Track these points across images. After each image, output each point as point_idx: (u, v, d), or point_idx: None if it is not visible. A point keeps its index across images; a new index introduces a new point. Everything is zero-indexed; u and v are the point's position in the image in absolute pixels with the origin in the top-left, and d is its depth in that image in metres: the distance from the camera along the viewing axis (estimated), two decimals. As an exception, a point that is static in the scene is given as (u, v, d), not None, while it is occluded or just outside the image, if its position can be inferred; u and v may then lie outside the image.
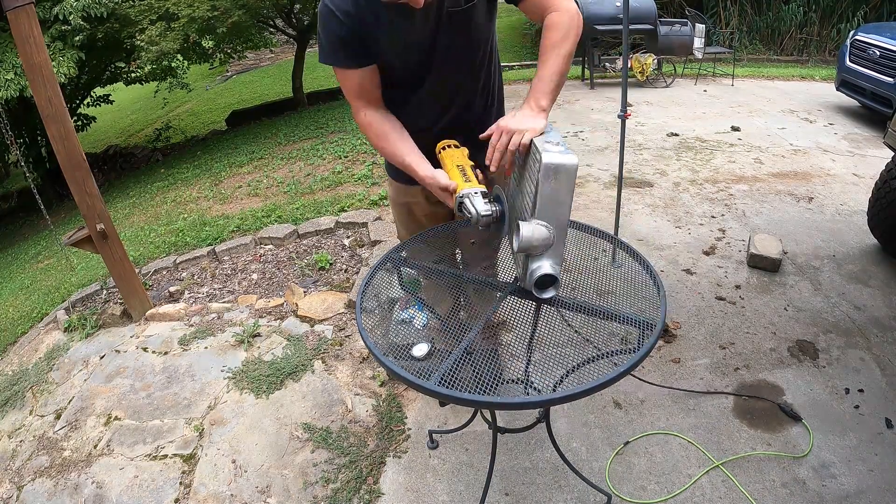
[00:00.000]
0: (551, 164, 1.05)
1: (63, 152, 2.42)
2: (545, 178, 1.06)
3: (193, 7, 5.45)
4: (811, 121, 5.30)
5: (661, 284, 1.24)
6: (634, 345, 1.10)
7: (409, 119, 1.39)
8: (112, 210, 4.95)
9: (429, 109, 1.42)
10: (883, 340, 2.29)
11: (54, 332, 2.84)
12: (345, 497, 1.76)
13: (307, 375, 2.28)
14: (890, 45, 4.88)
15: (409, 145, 1.35)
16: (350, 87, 1.34)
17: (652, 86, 6.87)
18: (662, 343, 2.32)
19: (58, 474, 1.99)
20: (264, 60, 13.74)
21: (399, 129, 1.36)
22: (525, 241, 1.09)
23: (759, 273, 2.79)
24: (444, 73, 1.35)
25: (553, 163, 1.05)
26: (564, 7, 1.27)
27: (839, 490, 1.68)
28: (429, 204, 1.58)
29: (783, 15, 8.80)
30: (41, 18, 4.48)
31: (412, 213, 1.65)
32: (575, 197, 4.04)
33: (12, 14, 2.18)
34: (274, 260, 3.22)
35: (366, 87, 1.33)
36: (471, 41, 1.34)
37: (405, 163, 1.33)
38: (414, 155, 1.32)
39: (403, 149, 1.34)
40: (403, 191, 1.60)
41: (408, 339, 1.21)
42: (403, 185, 1.58)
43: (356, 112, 1.37)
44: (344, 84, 1.35)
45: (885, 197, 2.73)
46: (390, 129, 1.36)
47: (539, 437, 1.87)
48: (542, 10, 1.29)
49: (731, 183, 3.87)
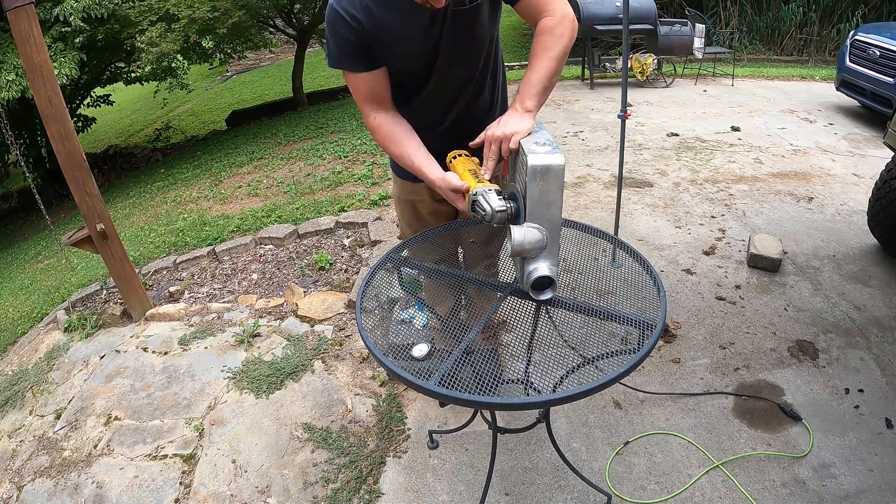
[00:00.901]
0: (538, 165, 1.05)
1: (63, 152, 2.42)
2: (532, 180, 1.06)
3: (193, 8, 5.45)
4: (811, 121, 5.30)
5: (661, 284, 1.24)
6: (634, 345, 1.10)
7: (413, 118, 1.39)
8: (112, 210, 4.95)
9: (432, 109, 1.42)
10: (883, 340, 2.29)
11: (54, 332, 2.84)
12: (345, 497, 1.76)
13: (307, 375, 2.28)
14: (890, 45, 4.88)
15: (419, 147, 1.34)
16: (360, 91, 1.33)
17: (652, 86, 6.87)
18: (662, 343, 2.32)
19: (58, 474, 1.99)
20: (264, 60, 13.75)
21: (408, 131, 1.36)
22: (517, 244, 1.09)
23: (759, 273, 2.79)
24: (448, 72, 1.35)
25: (539, 164, 1.05)
26: (559, 11, 1.26)
27: (839, 490, 1.68)
28: (433, 201, 1.59)
29: (783, 15, 8.81)
30: (41, 19, 4.49)
31: (416, 211, 1.65)
32: (575, 197, 4.02)
33: (12, 14, 2.18)
34: (274, 260, 3.22)
35: (376, 90, 1.33)
36: (475, 40, 1.34)
37: (414, 165, 1.32)
38: (423, 157, 1.31)
39: (413, 151, 1.33)
40: (408, 188, 1.60)
41: (408, 339, 1.21)
42: (409, 182, 1.58)
43: (366, 116, 1.36)
44: (354, 88, 1.34)
45: (885, 197, 2.73)
46: (399, 130, 1.35)
47: (539, 437, 1.87)
48: (536, 12, 1.28)
49: (731, 183, 3.87)
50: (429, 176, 1.29)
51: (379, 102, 1.34)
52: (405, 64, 1.33)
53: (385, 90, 1.34)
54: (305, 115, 7.02)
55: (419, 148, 1.33)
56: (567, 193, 3.78)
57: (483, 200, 1.15)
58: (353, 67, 1.29)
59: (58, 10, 4.96)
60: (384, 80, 1.32)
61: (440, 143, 1.37)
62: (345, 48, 1.27)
